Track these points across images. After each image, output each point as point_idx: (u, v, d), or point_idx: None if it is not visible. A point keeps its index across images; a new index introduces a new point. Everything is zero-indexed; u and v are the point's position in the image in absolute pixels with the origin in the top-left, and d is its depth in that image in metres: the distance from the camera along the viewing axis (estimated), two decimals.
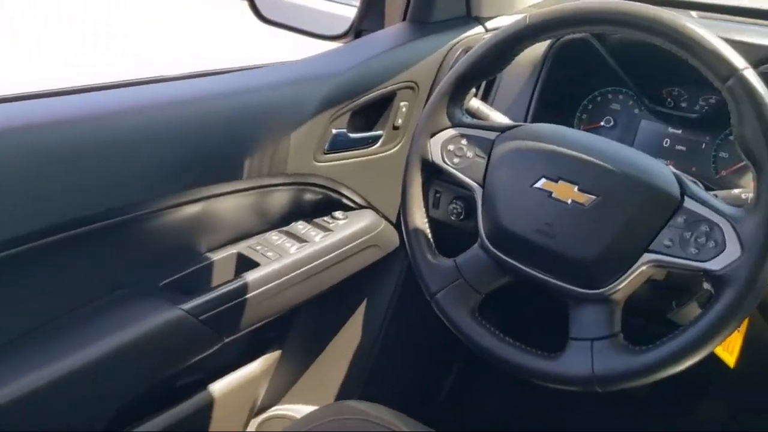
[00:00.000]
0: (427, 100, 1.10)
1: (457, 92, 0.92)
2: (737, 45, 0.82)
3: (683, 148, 1.11)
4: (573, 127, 1.20)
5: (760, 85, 0.74)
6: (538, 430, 1.55)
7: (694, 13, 1.22)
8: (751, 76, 0.74)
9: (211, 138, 1.02)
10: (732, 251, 0.74)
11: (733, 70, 0.74)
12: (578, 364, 0.80)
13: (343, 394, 1.37)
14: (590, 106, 1.19)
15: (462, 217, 1.15)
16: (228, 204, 1.09)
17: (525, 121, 1.13)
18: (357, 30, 1.34)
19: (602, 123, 1.18)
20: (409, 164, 0.95)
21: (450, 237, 0.98)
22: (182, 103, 1.00)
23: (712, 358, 0.88)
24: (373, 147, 1.21)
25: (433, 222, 0.96)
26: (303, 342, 1.36)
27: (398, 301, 1.38)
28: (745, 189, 0.81)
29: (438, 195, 1.21)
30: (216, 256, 1.11)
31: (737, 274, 0.73)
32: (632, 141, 1.15)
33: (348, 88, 1.13)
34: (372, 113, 1.20)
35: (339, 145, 1.15)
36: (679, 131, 1.11)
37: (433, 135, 0.93)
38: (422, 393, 1.59)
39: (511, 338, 0.87)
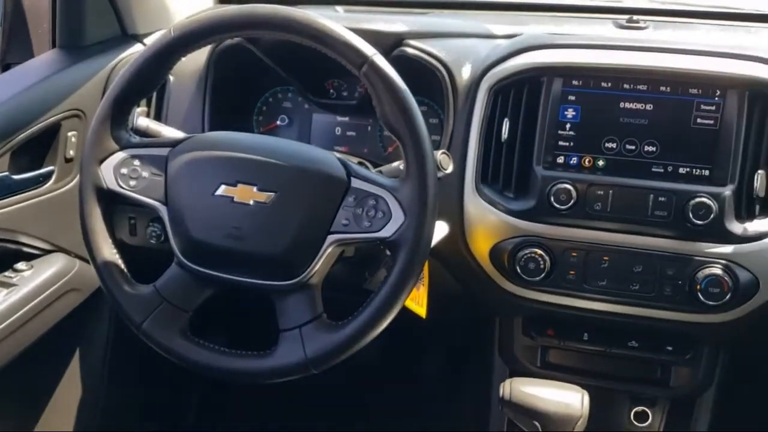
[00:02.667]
0: None
1: (117, 114, 0.89)
2: (370, 34, 0.91)
3: (353, 133, 1.20)
4: (252, 129, 1.24)
5: (389, 68, 0.83)
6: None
7: (339, 8, 1.32)
8: (380, 61, 0.83)
9: None
10: (397, 217, 0.82)
11: (364, 58, 0.82)
12: (291, 353, 0.83)
13: None
14: (264, 108, 1.24)
15: (163, 239, 1.12)
16: None
17: (203, 131, 1.13)
18: (3, 64, 1.23)
19: (278, 122, 1.23)
20: (83, 196, 0.90)
21: (158, 262, 0.95)
22: None
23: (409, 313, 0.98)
24: (47, 185, 1.12)
25: (132, 250, 0.92)
26: (13, 413, 1.22)
27: (115, 339, 1.30)
28: (403, 161, 0.89)
29: (133, 222, 1.16)
30: None
31: (405, 237, 0.81)
32: (309, 135, 1.22)
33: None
34: (37, 149, 1.11)
35: (3, 190, 1.04)
36: (346, 118, 1.20)
37: (102, 161, 0.89)
38: (166, 427, 1.53)
39: (231, 349, 0.86)
